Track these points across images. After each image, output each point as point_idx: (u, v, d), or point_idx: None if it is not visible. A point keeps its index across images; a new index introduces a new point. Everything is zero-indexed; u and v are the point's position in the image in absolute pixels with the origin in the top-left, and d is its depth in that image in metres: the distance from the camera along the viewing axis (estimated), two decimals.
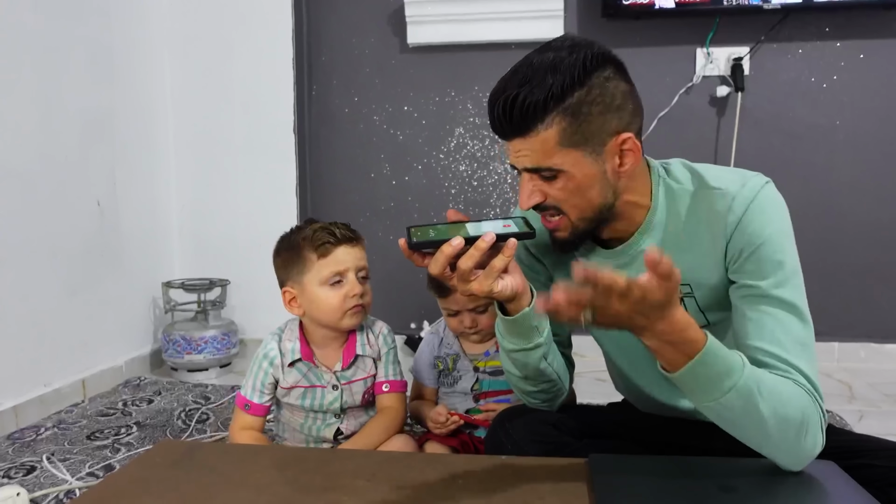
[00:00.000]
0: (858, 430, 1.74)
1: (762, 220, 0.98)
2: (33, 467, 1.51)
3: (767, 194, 0.99)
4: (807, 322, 0.96)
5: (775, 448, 0.90)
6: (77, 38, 2.09)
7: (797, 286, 0.97)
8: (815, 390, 0.91)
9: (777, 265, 0.96)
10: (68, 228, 2.05)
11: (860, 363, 2.41)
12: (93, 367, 2.13)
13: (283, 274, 1.32)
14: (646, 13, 2.32)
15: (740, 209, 0.98)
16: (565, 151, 0.95)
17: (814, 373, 0.93)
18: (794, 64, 2.39)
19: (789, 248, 0.98)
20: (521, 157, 0.97)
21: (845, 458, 0.99)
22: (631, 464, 0.98)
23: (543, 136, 0.94)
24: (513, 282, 0.97)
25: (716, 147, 2.43)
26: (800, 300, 0.96)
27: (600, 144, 0.96)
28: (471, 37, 2.47)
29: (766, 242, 0.97)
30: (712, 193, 1.01)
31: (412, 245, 0.93)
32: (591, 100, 0.93)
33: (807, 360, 0.93)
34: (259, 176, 2.55)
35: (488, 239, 0.91)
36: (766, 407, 0.86)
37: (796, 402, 0.89)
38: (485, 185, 2.60)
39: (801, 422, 0.88)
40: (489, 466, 0.99)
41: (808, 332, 0.95)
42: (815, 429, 0.90)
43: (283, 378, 1.33)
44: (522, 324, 1.01)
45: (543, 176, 0.97)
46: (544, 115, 0.93)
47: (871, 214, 2.39)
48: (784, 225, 0.99)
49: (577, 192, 0.97)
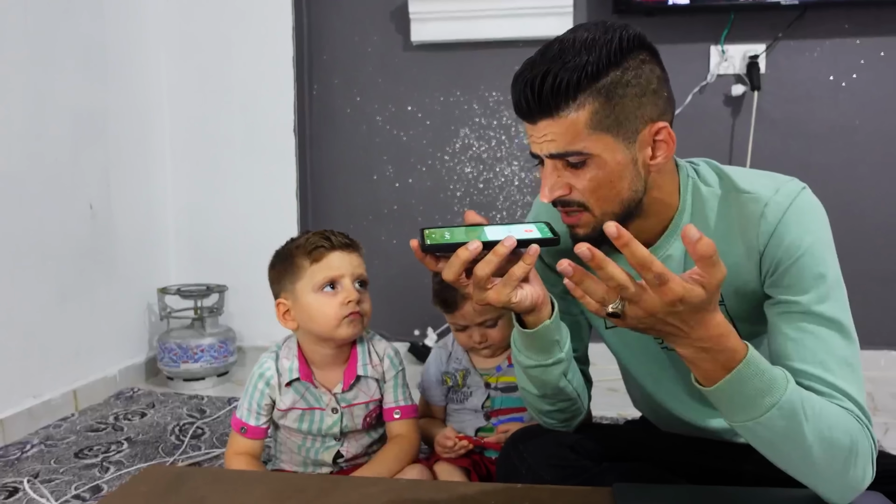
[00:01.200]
0: (886, 445, 1.66)
1: (800, 229, 0.90)
2: (16, 489, 1.43)
3: (805, 200, 0.92)
4: (852, 340, 0.88)
5: (819, 477, 0.81)
6: (69, 34, 2.03)
7: (840, 300, 0.89)
8: (864, 416, 0.84)
9: (818, 278, 0.89)
10: (60, 232, 1.98)
11: (880, 372, 2.33)
12: (85, 377, 2.06)
13: (277, 286, 1.25)
14: (658, 9, 2.26)
15: (774, 217, 0.90)
16: (596, 136, 0.87)
17: (862, 396, 0.85)
18: (812, 62, 2.31)
19: (830, 259, 0.91)
20: (545, 141, 0.88)
21: (886, 484, 0.91)
22: (657, 494, 0.91)
23: (574, 117, 0.86)
24: (533, 292, 0.89)
25: (731, 148, 2.36)
26: (844, 316, 0.89)
27: (634, 132, 0.89)
28: (477, 34, 2.40)
29: (806, 254, 0.89)
30: (743, 198, 0.93)
31: (425, 248, 0.85)
32: (627, 81, 0.86)
33: (854, 383, 0.85)
34: (258, 178, 2.49)
35: (508, 244, 0.83)
36: (811, 430, 0.78)
37: (844, 427, 0.81)
38: (491, 188, 2.52)
39: (850, 449, 0.80)
40: (504, 497, 0.91)
41: (853, 350, 0.88)
42: (865, 458, 0.82)
43: (280, 399, 1.25)
44: (543, 338, 0.94)
45: (570, 163, 0.89)
46: (577, 95, 0.85)
47: (893, 218, 2.32)
48: (824, 234, 0.92)
49: (606, 183, 0.89)
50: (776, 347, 0.90)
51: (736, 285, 0.95)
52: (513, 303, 0.87)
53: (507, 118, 2.49)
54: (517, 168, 2.51)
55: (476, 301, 0.88)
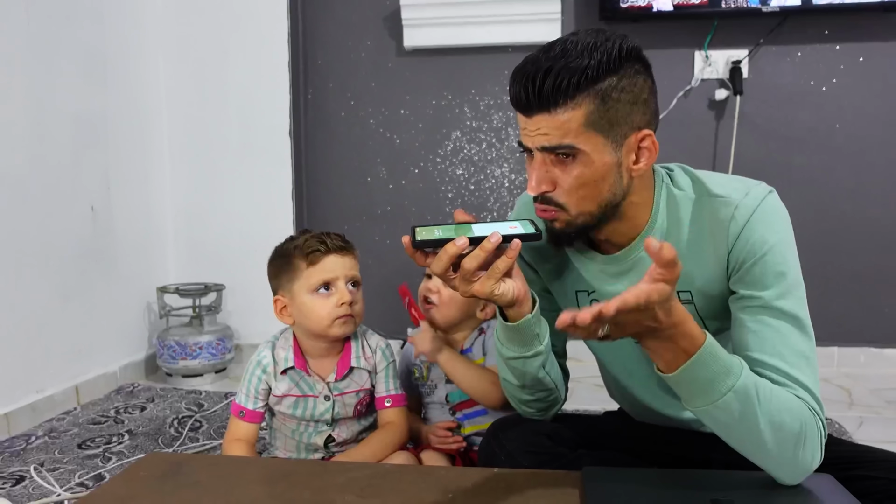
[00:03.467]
0: (858, 437, 1.72)
1: (765, 229, 0.95)
2: (22, 477, 1.49)
3: (771, 203, 0.97)
4: (808, 335, 0.94)
5: (771, 459, 0.88)
6: (70, 40, 2.08)
7: (799, 298, 0.95)
8: (816, 403, 0.90)
9: (779, 276, 0.94)
10: (61, 233, 2.03)
11: (860, 368, 2.39)
12: (86, 373, 2.11)
13: (275, 282, 1.32)
14: (644, 16, 2.31)
15: (743, 218, 0.96)
16: (588, 134, 0.92)
17: (815, 386, 0.91)
18: (793, 67, 2.37)
19: (791, 259, 0.97)
20: (539, 135, 0.93)
21: (843, 469, 0.97)
22: (625, 476, 0.97)
23: (570, 115, 0.91)
24: (515, 286, 0.96)
25: (714, 151, 2.41)
26: (802, 312, 0.94)
27: (622, 136, 0.94)
28: (467, 40, 2.46)
29: (769, 252, 0.95)
30: (715, 201, 0.98)
31: (416, 243, 0.92)
32: (622, 88, 0.92)
33: (809, 373, 0.91)
34: (255, 180, 2.54)
35: (494, 240, 0.89)
36: (764, 413, 0.85)
37: (795, 413, 0.87)
38: (482, 189, 2.58)
39: (799, 433, 0.86)
40: (481, 479, 0.97)
41: (809, 344, 0.94)
42: (814, 442, 0.88)
43: (276, 386, 1.32)
44: (524, 331, 1.00)
45: (559, 156, 0.93)
46: (575, 95, 0.90)
47: (871, 218, 2.37)
48: (787, 235, 0.98)
49: (590, 181, 0.94)
50: (738, 339, 0.96)
51: (706, 285, 1.01)
52: (496, 294, 0.94)
53: (498, 121, 2.55)
54: (507, 170, 2.57)
55: (462, 293, 0.94)
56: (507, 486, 0.94)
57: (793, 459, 0.87)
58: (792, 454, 0.87)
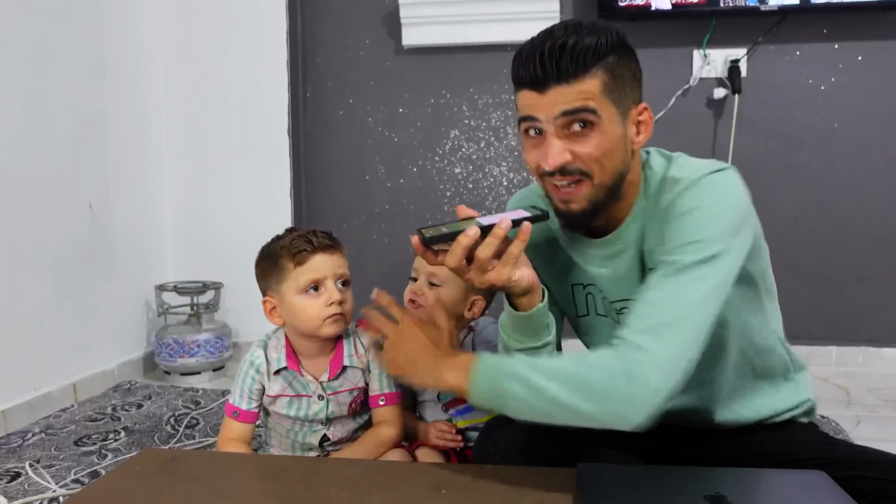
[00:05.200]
0: (855, 436, 1.72)
1: (693, 195, 0.94)
2: (18, 474, 1.49)
3: (715, 178, 0.95)
4: (693, 309, 0.88)
5: (593, 412, 0.86)
6: (69, 38, 2.08)
7: (705, 276, 0.90)
8: (629, 346, 0.86)
9: (693, 244, 0.91)
10: (60, 231, 2.03)
11: (858, 367, 2.39)
12: (84, 371, 2.12)
13: (263, 283, 1.31)
14: (642, 14, 2.31)
15: (681, 188, 0.95)
16: (605, 102, 0.94)
17: (652, 340, 0.86)
18: (791, 66, 2.37)
19: (714, 227, 0.91)
20: (557, 104, 0.92)
21: (840, 469, 0.97)
22: (618, 473, 0.97)
23: (588, 84, 0.92)
24: (528, 273, 0.97)
25: (713, 150, 2.41)
26: (697, 275, 0.89)
27: (627, 109, 0.97)
28: (466, 38, 2.46)
29: (688, 215, 0.93)
30: (669, 182, 0.99)
31: (426, 241, 0.92)
32: (624, 64, 0.96)
33: (652, 335, 0.86)
34: (253, 178, 2.54)
35: (504, 226, 0.90)
36: (555, 385, 0.86)
37: (594, 365, 0.87)
38: (480, 188, 2.58)
39: (608, 379, 0.85)
40: (475, 476, 0.98)
41: (680, 302, 0.88)
42: (625, 377, 0.85)
43: (269, 386, 1.31)
44: (536, 320, 1.00)
45: (578, 122, 0.93)
46: (593, 65, 0.92)
47: (870, 218, 2.37)
48: (721, 204, 0.93)
49: (608, 151, 0.95)
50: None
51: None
52: (513, 281, 0.94)
53: (496, 120, 2.55)
54: (506, 169, 2.57)
55: (478, 284, 0.95)
56: (501, 482, 0.95)
57: (612, 402, 0.85)
58: (607, 398, 0.85)
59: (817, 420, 1.80)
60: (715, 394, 1.08)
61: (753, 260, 1.01)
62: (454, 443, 1.38)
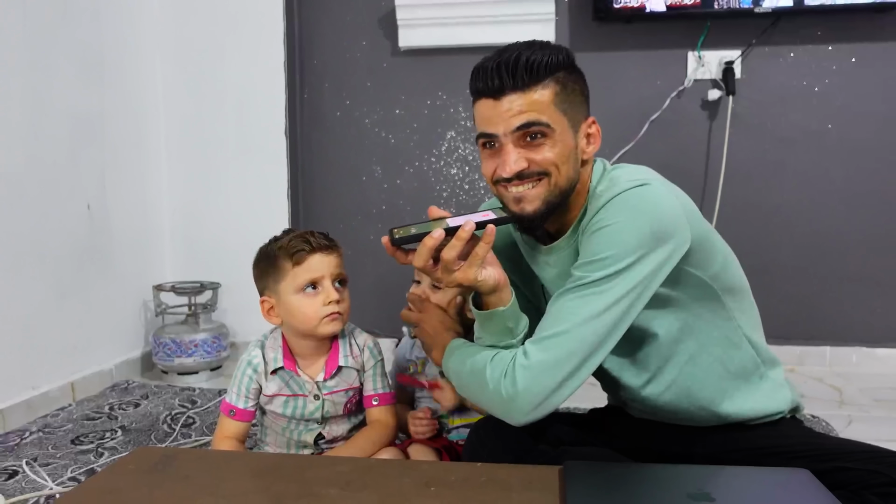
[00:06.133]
0: (846, 435, 1.73)
1: (608, 213, 0.97)
2: (15, 472, 1.51)
3: (632, 194, 0.97)
4: (586, 309, 0.94)
5: (488, 408, 1.03)
6: (67, 39, 2.09)
7: (607, 279, 0.94)
8: (520, 350, 0.98)
9: (596, 250, 0.95)
10: (58, 231, 2.05)
11: (852, 367, 2.40)
12: (82, 370, 2.13)
13: (261, 283, 1.32)
14: (637, 17, 2.32)
15: (600, 205, 0.99)
16: (557, 114, 1.00)
17: (538, 352, 0.95)
18: (785, 68, 2.38)
19: (622, 244, 0.94)
20: (513, 115, 0.99)
21: (822, 461, 0.99)
22: (605, 471, 0.98)
23: (541, 93, 0.99)
24: (494, 273, 1.00)
25: (707, 151, 2.42)
26: (600, 290, 0.94)
27: (578, 122, 1.03)
28: (462, 40, 2.47)
29: (601, 230, 0.96)
30: (594, 196, 1.04)
31: (395, 241, 0.96)
32: (573, 80, 1.03)
33: (540, 346, 0.96)
34: (251, 179, 2.55)
35: (468, 228, 0.94)
36: (463, 371, 1.04)
37: (485, 359, 1.01)
38: (476, 189, 2.60)
39: (482, 372, 0.99)
40: (464, 473, 0.99)
41: (576, 316, 0.94)
42: (495, 372, 0.98)
43: (266, 385, 1.32)
44: (499, 320, 1.02)
45: (532, 135, 0.99)
46: (545, 77, 0.99)
47: (864, 218, 2.38)
48: (630, 222, 0.95)
49: (560, 160, 1.00)
50: None
51: None
52: (479, 281, 0.98)
53: None
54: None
55: (446, 283, 0.98)
56: (489, 480, 0.96)
57: (500, 402, 0.98)
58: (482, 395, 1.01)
59: (806, 418, 1.82)
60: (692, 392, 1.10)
61: (700, 266, 1.04)
62: (428, 428, 1.38)
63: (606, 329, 0.95)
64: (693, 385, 1.10)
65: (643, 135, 2.37)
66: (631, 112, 2.39)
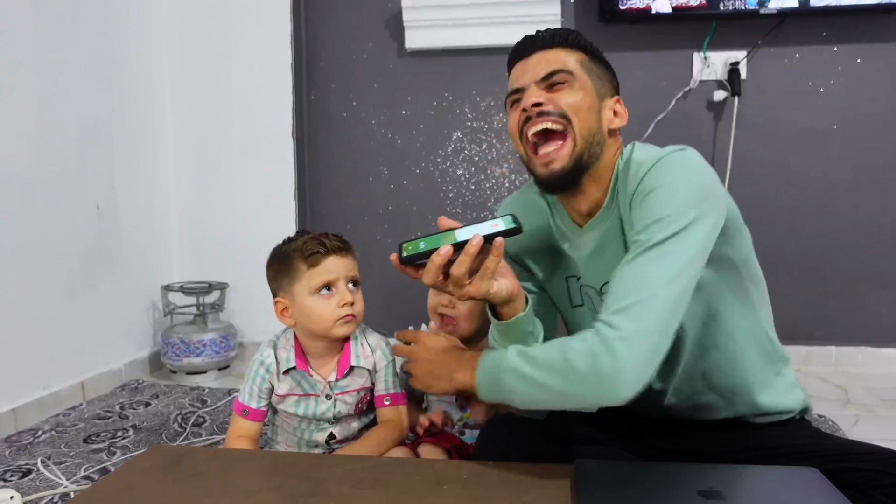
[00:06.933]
0: (853, 435, 1.74)
1: (657, 173, 0.97)
2: (29, 470, 1.52)
3: (674, 157, 0.98)
4: (658, 271, 0.90)
5: (580, 398, 0.91)
6: (76, 42, 2.11)
7: (671, 238, 0.91)
8: (607, 327, 0.88)
9: (658, 221, 0.93)
10: (67, 232, 2.06)
11: (858, 367, 2.40)
12: (91, 369, 2.14)
13: (275, 284, 1.33)
14: (643, 18, 2.33)
15: (644, 170, 0.99)
16: (582, 73, 1.05)
17: (625, 320, 0.88)
18: (791, 68, 2.39)
19: (677, 202, 0.93)
20: (539, 68, 1.04)
21: (830, 462, 0.99)
22: (615, 470, 0.99)
23: (568, 52, 1.06)
24: (507, 284, 0.99)
25: (713, 151, 2.43)
26: (667, 251, 0.91)
27: (603, 93, 1.07)
28: (468, 41, 2.48)
29: (654, 191, 0.95)
30: (632, 163, 1.04)
31: (403, 259, 0.95)
32: (598, 64, 1.09)
33: (627, 314, 0.88)
34: (258, 180, 2.57)
35: (475, 242, 0.92)
36: (541, 373, 0.90)
37: (574, 349, 0.89)
38: (482, 189, 2.61)
39: (567, 360, 0.89)
40: (475, 472, 1.00)
41: (651, 280, 0.90)
42: (584, 352, 0.88)
43: (278, 386, 1.33)
44: (517, 329, 1.03)
45: (554, 82, 1.04)
46: (573, 44, 1.06)
47: (869, 219, 2.39)
48: (679, 181, 0.95)
49: (581, 107, 1.04)
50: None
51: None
52: (491, 293, 0.97)
53: (498, 122, 2.57)
54: (507, 170, 2.59)
55: (458, 297, 0.98)
56: (500, 478, 0.97)
57: (591, 385, 0.88)
58: (585, 383, 0.88)
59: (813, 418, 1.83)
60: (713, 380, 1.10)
61: (732, 245, 1.04)
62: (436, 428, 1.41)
63: (682, 291, 0.91)
64: (714, 372, 1.09)
65: (648, 135, 2.37)
66: (636, 113, 2.39)
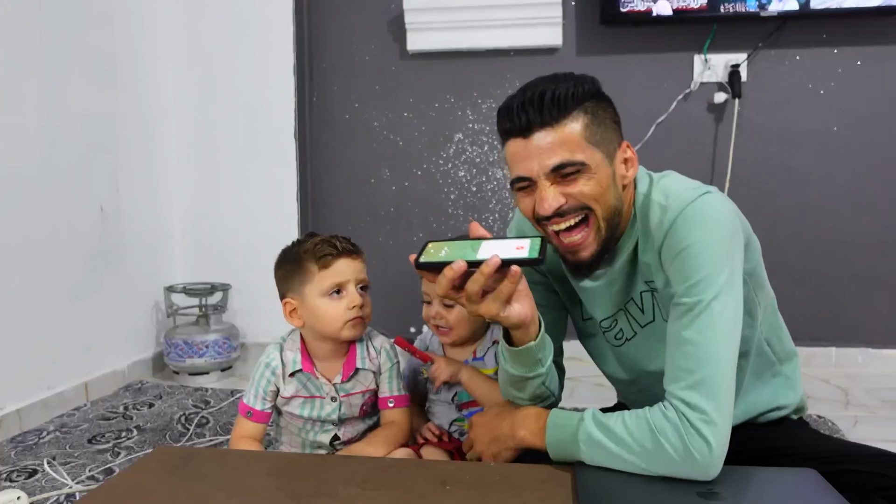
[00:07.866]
0: (852, 436, 1.75)
1: (686, 228, 0.97)
2: (35, 471, 1.53)
3: (699, 205, 0.98)
4: (715, 335, 0.93)
5: (656, 468, 0.93)
6: (80, 44, 2.12)
7: (717, 297, 0.93)
8: (684, 404, 0.92)
9: (692, 271, 0.95)
10: (71, 233, 2.07)
11: (858, 368, 2.41)
12: (95, 370, 2.16)
13: (284, 285, 1.33)
14: (644, 20, 2.34)
15: (669, 221, 0.98)
16: (589, 149, 0.98)
17: (693, 393, 0.91)
18: (791, 71, 2.40)
19: (713, 259, 0.95)
20: (544, 154, 0.97)
21: (829, 464, 1.00)
22: (616, 470, 1.00)
23: (571, 127, 0.97)
24: (521, 310, 0.97)
25: (713, 154, 2.44)
26: (717, 311, 0.93)
27: (612, 150, 1.01)
28: (470, 44, 2.49)
29: (687, 249, 0.96)
30: (655, 206, 1.03)
31: (419, 265, 0.94)
32: (602, 108, 1.01)
33: (691, 385, 0.92)
34: (260, 181, 2.58)
35: (492, 264, 0.90)
36: (629, 455, 0.93)
37: (648, 426, 0.93)
38: (484, 191, 2.62)
39: (657, 441, 0.92)
40: (478, 473, 1.01)
41: (711, 347, 0.92)
42: (674, 437, 0.91)
43: (284, 387, 1.34)
44: (526, 356, 1.03)
45: (566, 173, 0.97)
46: (573, 108, 0.97)
47: (869, 220, 2.40)
48: (710, 235, 0.96)
49: (600, 192, 0.99)
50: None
51: (657, 289, 1.05)
52: (501, 316, 0.96)
53: None
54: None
55: (469, 312, 0.97)
56: (502, 479, 0.98)
57: (667, 461, 0.92)
58: (663, 457, 0.91)
59: (812, 418, 1.84)
60: None
61: (745, 260, 1.04)
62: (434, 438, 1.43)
63: (736, 345, 0.95)
64: None
65: (649, 138, 2.38)
66: (637, 115, 2.41)
